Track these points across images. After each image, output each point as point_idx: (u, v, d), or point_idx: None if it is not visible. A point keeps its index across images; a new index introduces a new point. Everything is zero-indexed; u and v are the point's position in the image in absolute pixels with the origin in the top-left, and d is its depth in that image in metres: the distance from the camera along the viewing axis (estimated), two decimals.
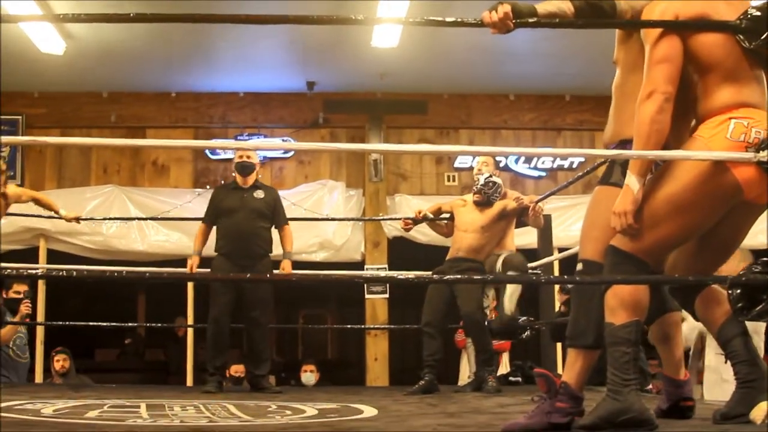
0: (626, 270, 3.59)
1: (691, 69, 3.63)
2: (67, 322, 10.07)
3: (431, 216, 8.04)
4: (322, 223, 11.48)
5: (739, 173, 3.48)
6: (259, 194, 7.92)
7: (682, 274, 3.87)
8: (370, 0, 8.79)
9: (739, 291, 3.67)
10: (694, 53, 3.60)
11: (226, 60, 11.08)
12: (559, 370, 9.88)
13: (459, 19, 3.92)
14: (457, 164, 12.17)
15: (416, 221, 8.12)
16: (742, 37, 3.50)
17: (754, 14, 3.48)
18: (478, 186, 7.66)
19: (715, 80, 3.59)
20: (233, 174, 8.03)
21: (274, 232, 8.00)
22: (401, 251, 11.64)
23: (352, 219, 11.56)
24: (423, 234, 10.53)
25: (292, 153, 12.21)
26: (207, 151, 12.02)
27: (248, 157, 7.94)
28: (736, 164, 3.46)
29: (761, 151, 3.48)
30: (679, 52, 3.59)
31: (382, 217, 11.34)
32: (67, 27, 9.78)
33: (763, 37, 3.45)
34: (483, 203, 7.65)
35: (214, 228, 7.92)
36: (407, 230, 8.50)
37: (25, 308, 8.50)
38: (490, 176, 7.66)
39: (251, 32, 9.94)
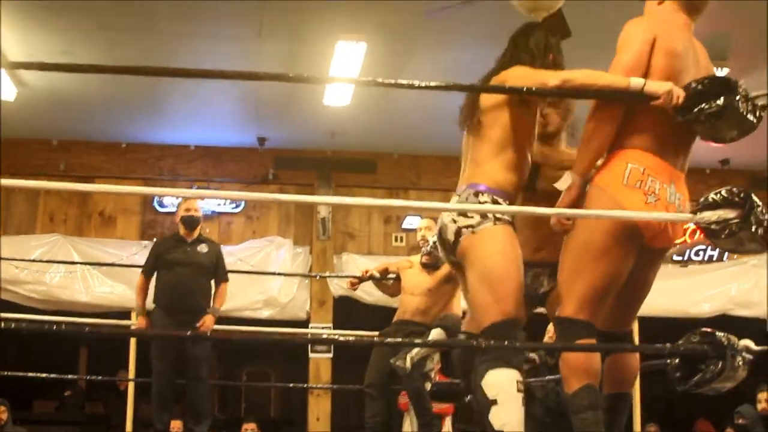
0: (573, 336, 3.62)
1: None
2: (5, 372, 9.91)
3: (378, 276, 8.03)
4: (267, 280, 11.43)
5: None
6: (203, 248, 7.88)
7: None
8: (325, 52, 8.89)
9: (677, 360, 3.71)
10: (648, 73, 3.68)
11: (178, 112, 11.09)
12: None
13: (411, 82, 3.94)
14: (405, 225, 12.21)
15: (362, 280, 8.11)
16: (677, 110, 3.56)
17: (694, 88, 3.54)
18: (428, 248, 7.65)
19: (637, 116, 3.67)
20: (178, 225, 7.98)
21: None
22: (347, 310, 11.61)
23: (298, 275, 11.53)
24: (369, 294, 10.52)
25: (240, 208, 12.18)
26: (155, 204, 11.97)
27: (195, 210, 7.92)
28: (635, 205, 3.56)
29: (698, 213, 3.56)
30: (642, 64, 3.65)
31: (328, 275, 11.32)
32: (20, 74, 9.73)
33: (694, 111, 3.51)
34: (431, 266, 7.64)
35: (154, 278, 7.87)
36: (353, 290, 8.50)
37: None
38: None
39: (204, 86, 9.96)
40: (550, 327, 7.92)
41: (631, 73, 3.61)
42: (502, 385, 3.63)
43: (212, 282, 7.90)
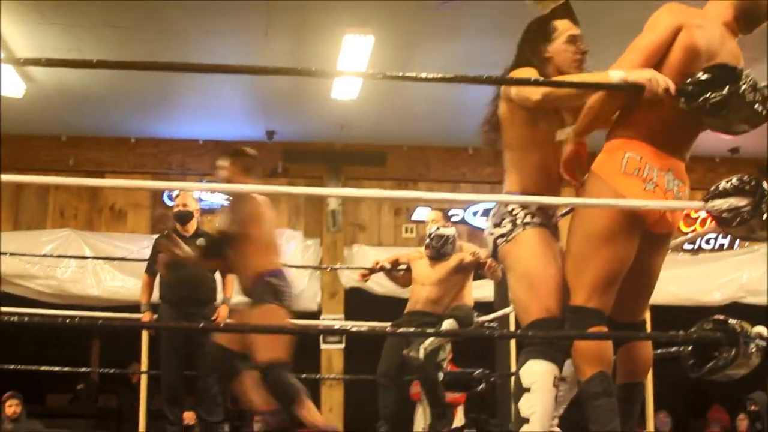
0: (585, 324, 3.64)
1: None
2: (19, 366, 9.94)
3: (388, 267, 8.05)
4: None
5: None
6: (202, 242, 7.90)
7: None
8: (333, 45, 8.89)
9: (690, 348, 3.71)
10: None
11: (186, 107, 11.10)
12: None
13: (419, 75, 3.95)
14: (414, 216, 12.21)
15: (373, 271, 8.15)
16: (683, 100, 3.55)
17: (701, 77, 3.53)
18: (428, 241, 7.73)
19: (637, 106, 3.68)
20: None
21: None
22: (358, 301, 11.63)
23: (309, 267, 11.55)
24: (380, 285, 10.53)
25: None
26: (165, 198, 11.99)
27: (184, 205, 7.95)
28: (634, 192, 3.59)
29: (709, 201, 3.57)
30: (656, 50, 3.65)
31: (338, 267, 11.35)
32: (28, 70, 9.76)
33: (700, 101, 3.50)
34: (436, 257, 7.68)
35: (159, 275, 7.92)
36: (364, 281, 8.53)
37: None
38: (437, 229, 7.68)
39: (212, 80, 9.98)
40: None
41: (645, 57, 3.62)
42: (538, 376, 3.69)
43: (215, 274, 7.95)
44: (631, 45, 3.69)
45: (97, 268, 11.45)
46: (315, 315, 11.72)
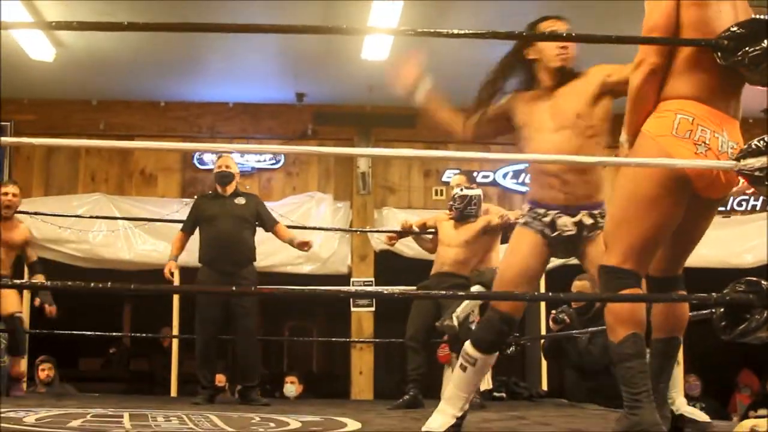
0: (618, 285, 3.62)
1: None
2: (52, 331, 10.02)
3: (417, 230, 8.07)
4: (308, 235, 11.45)
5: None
6: (241, 201, 7.96)
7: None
8: (362, 11, 8.83)
9: (722, 310, 3.69)
10: (680, 27, 3.66)
11: (216, 70, 11.08)
12: (544, 386, 9.89)
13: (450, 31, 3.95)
14: (444, 178, 12.16)
15: (402, 234, 8.16)
16: (719, 54, 3.51)
17: (736, 32, 3.49)
18: (450, 203, 7.76)
19: (684, 64, 3.64)
20: (216, 185, 8.09)
21: (258, 241, 8.05)
22: (388, 264, 11.63)
23: (339, 230, 11.55)
24: (410, 248, 10.52)
25: (280, 164, 12.19)
26: (195, 161, 12.02)
27: (227, 167, 8.01)
28: (684, 155, 3.54)
29: (741, 160, 3.52)
30: (670, 21, 3.63)
31: (368, 229, 11.34)
32: (57, 34, 9.77)
33: (738, 55, 3.46)
34: (460, 218, 7.69)
35: (198, 237, 7.96)
36: (391, 245, 8.55)
37: None
38: (461, 189, 7.69)
39: (241, 43, 9.95)
40: (576, 283, 7.98)
41: (658, 31, 3.61)
42: None
43: (254, 234, 8.00)
44: (643, 29, 3.69)
45: (128, 232, 11.49)
46: (345, 278, 11.74)
